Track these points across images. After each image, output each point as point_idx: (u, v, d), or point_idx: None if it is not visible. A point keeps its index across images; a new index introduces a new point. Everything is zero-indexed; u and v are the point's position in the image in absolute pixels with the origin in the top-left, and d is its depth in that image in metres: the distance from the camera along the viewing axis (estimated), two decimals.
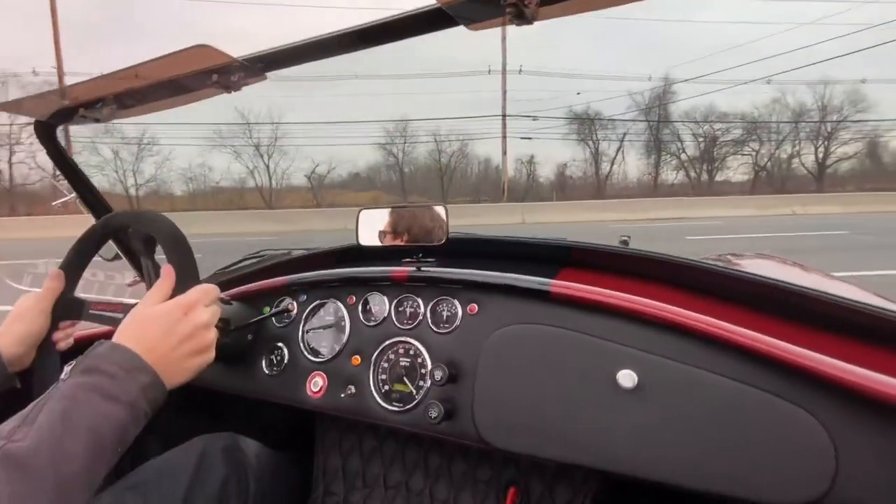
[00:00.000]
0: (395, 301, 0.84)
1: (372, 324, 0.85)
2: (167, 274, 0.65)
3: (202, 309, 0.61)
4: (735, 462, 0.56)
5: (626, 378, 0.60)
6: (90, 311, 0.77)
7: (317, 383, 0.84)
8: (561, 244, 0.84)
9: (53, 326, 0.75)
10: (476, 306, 0.77)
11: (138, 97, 0.81)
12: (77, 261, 0.79)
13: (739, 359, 0.58)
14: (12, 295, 0.75)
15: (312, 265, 1.02)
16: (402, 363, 0.80)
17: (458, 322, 0.77)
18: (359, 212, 0.89)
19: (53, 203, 1.00)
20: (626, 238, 1.04)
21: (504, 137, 19.90)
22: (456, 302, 0.79)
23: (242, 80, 0.75)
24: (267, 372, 0.89)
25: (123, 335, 0.55)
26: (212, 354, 0.63)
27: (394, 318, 0.83)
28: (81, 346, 0.81)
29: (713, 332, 0.59)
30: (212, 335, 0.62)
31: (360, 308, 0.87)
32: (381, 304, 0.86)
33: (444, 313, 0.80)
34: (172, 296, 0.62)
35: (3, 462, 0.40)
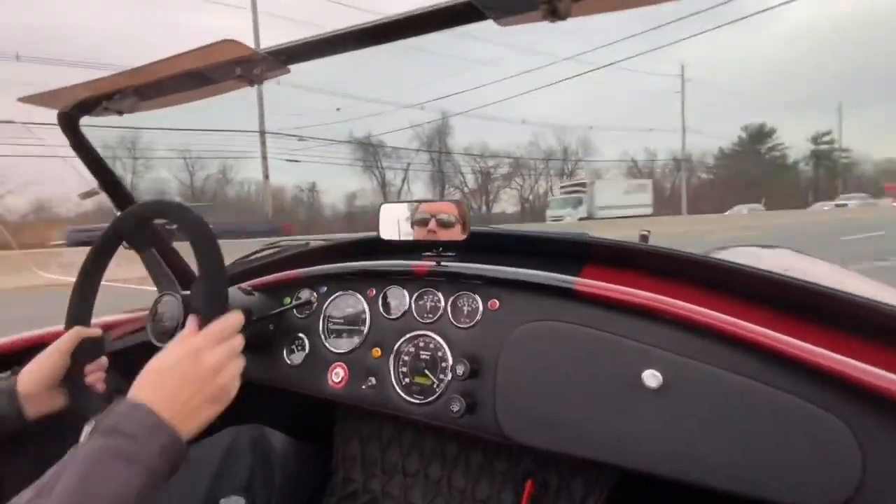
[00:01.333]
0: (416, 295, 0.85)
1: (392, 317, 0.85)
2: (191, 323, 0.61)
3: (210, 353, 0.57)
4: (757, 463, 0.56)
5: (651, 378, 0.60)
6: (110, 344, 0.75)
7: (338, 374, 0.86)
8: (583, 240, 0.83)
9: (75, 368, 0.71)
10: (497, 302, 0.77)
11: (160, 89, 0.81)
12: (91, 279, 0.75)
13: (765, 361, 0.57)
14: None
15: (333, 257, 1.02)
16: (423, 356, 0.81)
17: (478, 317, 0.78)
18: (380, 205, 0.89)
19: (77, 194, 1.01)
20: (645, 233, 1.03)
21: (265, 158, 16.72)
22: (477, 297, 0.79)
23: (265, 72, 0.75)
24: (289, 362, 0.91)
25: (141, 389, 0.53)
26: (228, 398, 0.59)
27: (414, 312, 0.84)
28: (125, 352, 0.79)
29: (738, 334, 0.58)
30: (224, 379, 0.58)
31: (380, 301, 0.88)
32: (401, 298, 0.86)
33: (465, 308, 0.80)
34: (201, 325, 0.60)
35: None
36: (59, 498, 0.40)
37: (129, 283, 1.19)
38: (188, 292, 0.78)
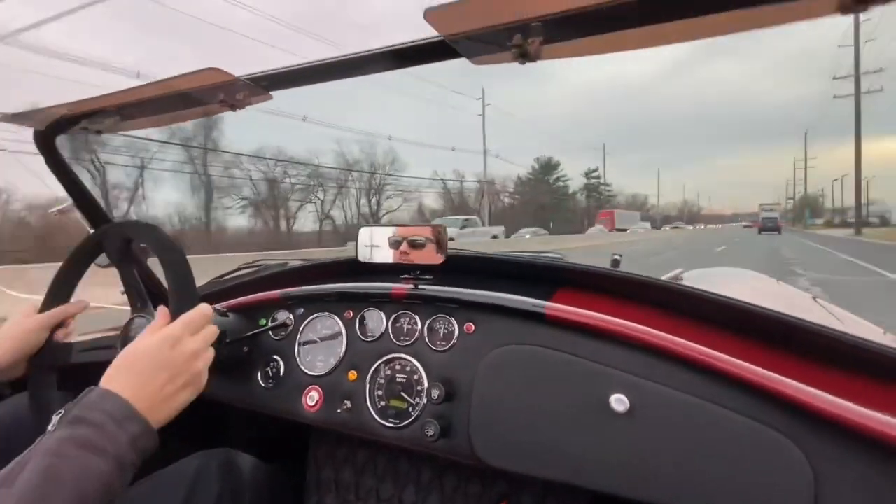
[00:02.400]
0: (393, 317, 0.86)
1: (369, 339, 0.86)
2: (161, 314, 0.63)
3: (189, 339, 0.59)
4: (718, 486, 0.58)
5: (618, 402, 0.62)
6: (77, 353, 0.77)
7: (313, 397, 0.85)
8: (555, 264, 0.86)
9: (48, 343, 0.74)
10: (472, 325, 0.78)
11: (143, 110, 0.82)
12: (73, 272, 0.80)
13: (730, 386, 0.60)
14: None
15: (310, 278, 1.02)
16: (399, 379, 0.81)
17: (454, 340, 0.79)
18: (360, 229, 0.90)
19: (50, 210, 1.00)
20: (617, 257, 1.07)
21: None
22: (453, 320, 0.80)
23: (247, 98, 0.76)
24: (263, 384, 0.90)
25: (113, 379, 0.53)
26: (201, 385, 0.61)
27: (391, 335, 0.84)
28: (77, 367, 0.81)
29: (704, 361, 0.61)
30: (201, 364, 0.60)
31: (357, 323, 0.88)
32: (378, 321, 0.87)
33: (441, 331, 0.81)
34: (172, 319, 0.62)
35: None
36: (21, 488, 0.40)
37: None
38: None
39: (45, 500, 0.40)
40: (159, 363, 0.55)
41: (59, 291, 0.79)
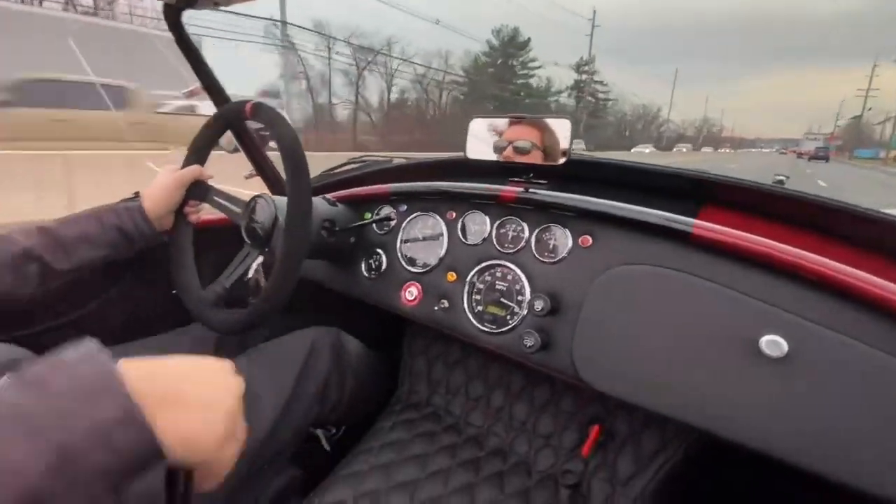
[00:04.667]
0: (498, 223, 0.79)
1: (470, 243, 0.82)
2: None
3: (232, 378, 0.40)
4: (890, 456, 0.46)
5: (772, 345, 0.51)
6: (213, 198, 0.83)
7: (411, 292, 0.86)
8: (704, 177, 0.70)
9: (185, 201, 0.83)
10: (590, 239, 0.69)
11: None
12: (202, 147, 0.84)
13: None
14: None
15: (416, 176, 0.99)
16: (499, 287, 0.77)
17: (565, 253, 0.71)
18: (471, 120, 0.82)
19: (182, 91, 1.05)
20: (781, 177, 0.86)
21: None
22: (567, 231, 0.72)
23: None
24: (366, 275, 0.92)
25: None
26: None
27: (494, 240, 0.79)
28: (205, 227, 0.90)
29: (885, 300, 0.47)
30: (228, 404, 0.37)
31: (459, 225, 0.84)
32: (481, 224, 0.82)
33: (551, 242, 0.74)
34: (290, 211, 0.65)
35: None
36: None
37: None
38: (280, 198, 0.80)
39: None
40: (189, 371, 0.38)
41: (194, 156, 0.85)
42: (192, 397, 0.33)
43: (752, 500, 0.85)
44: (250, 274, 0.81)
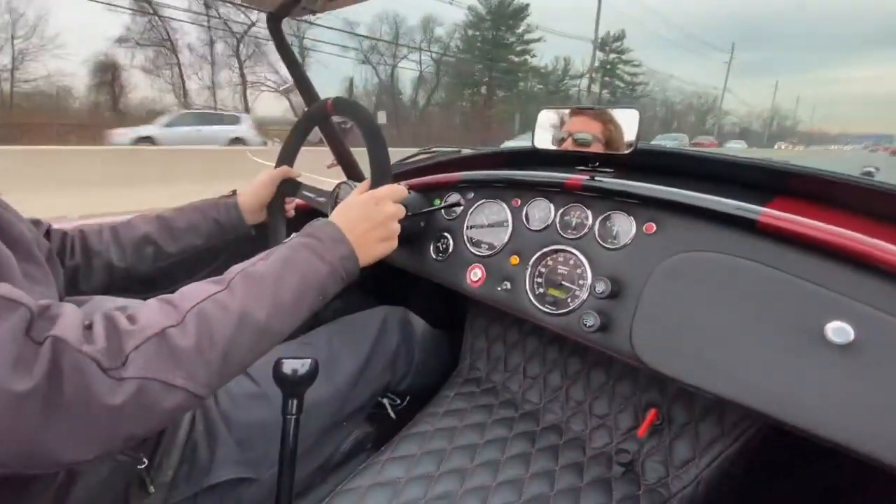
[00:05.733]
0: (562, 210, 0.83)
1: (534, 228, 0.86)
2: (365, 183, 0.79)
3: (390, 203, 0.72)
4: None
5: (838, 333, 0.52)
6: (303, 192, 0.95)
7: (476, 274, 0.92)
8: (777, 167, 0.70)
9: (278, 196, 0.96)
10: (654, 226, 0.72)
11: None
12: (292, 146, 0.97)
13: None
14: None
15: (483, 165, 1.05)
16: (560, 271, 0.81)
17: (628, 240, 0.74)
18: (539, 112, 0.86)
19: (280, 87, 1.19)
20: (871, 169, 0.82)
21: None
22: (631, 218, 0.74)
23: None
24: (434, 257, 1.00)
25: (334, 216, 0.69)
26: (394, 243, 0.73)
27: (557, 227, 0.83)
28: (301, 212, 1.02)
29: None
30: (396, 226, 0.72)
31: (524, 212, 0.89)
32: (545, 211, 0.86)
33: (615, 228, 0.77)
34: (372, 187, 0.75)
35: (244, 276, 0.53)
36: (268, 264, 0.56)
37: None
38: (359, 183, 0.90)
39: (281, 279, 0.55)
40: (365, 214, 0.69)
41: (284, 158, 0.99)
42: (373, 237, 0.68)
43: (805, 499, 0.84)
44: None
